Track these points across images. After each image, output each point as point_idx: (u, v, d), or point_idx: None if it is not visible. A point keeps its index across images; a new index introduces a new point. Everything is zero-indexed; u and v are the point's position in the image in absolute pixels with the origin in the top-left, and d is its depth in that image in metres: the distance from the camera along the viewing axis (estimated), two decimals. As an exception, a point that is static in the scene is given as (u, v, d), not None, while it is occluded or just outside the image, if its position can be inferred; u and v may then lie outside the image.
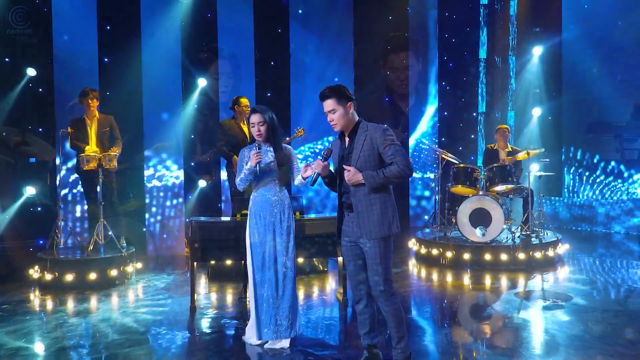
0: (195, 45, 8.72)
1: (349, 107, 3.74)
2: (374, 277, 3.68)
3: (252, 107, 4.67)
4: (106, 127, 7.16)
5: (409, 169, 3.59)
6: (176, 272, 7.35)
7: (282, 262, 4.57)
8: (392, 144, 3.62)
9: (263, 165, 4.55)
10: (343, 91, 3.75)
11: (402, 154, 3.62)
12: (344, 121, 3.75)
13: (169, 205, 8.67)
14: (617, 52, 10.19)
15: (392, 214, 3.70)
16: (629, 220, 10.00)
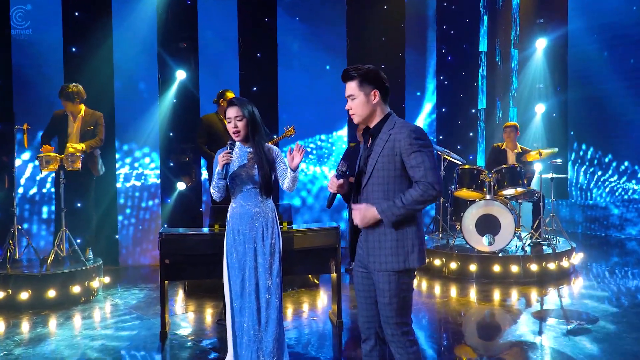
0: (173, 35, 7.92)
1: (373, 95, 2.91)
2: (383, 316, 2.90)
3: (229, 99, 3.91)
4: (91, 125, 6.38)
5: (433, 189, 2.75)
6: (149, 287, 6.57)
7: (265, 287, 3.82)
8: (418, 151, 2.79)
9: (237, 169, 3.83)
10: (370, 74, 2.92)
11: (428, 165, 2.78)
12: (363, 112, 2.95)
13: (144, 207, 7.90)
14: (629, 41, 9.49)
15: (413, 243, 2.86)
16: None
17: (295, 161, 3.69)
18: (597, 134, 9.97)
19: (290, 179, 3.79)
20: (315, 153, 8.85)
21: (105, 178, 7.50)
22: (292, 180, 3.79)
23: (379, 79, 2.95)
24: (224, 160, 3.75)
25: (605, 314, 5.26)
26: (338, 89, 8.96)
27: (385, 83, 2.97)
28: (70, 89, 6.23)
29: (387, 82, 2.98)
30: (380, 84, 2.95)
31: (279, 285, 3.85)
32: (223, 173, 3.77)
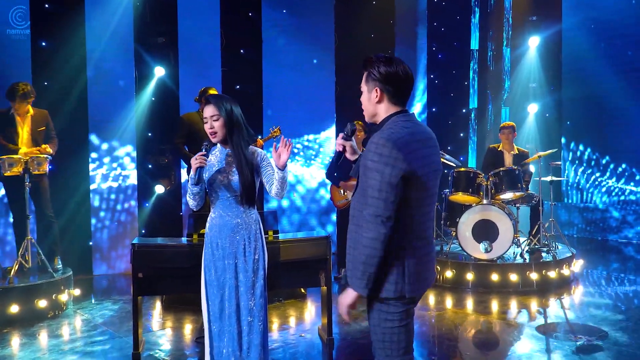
0: (151, 29, 7.44)
1: (374, 93, 2.51)
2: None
3: (206, 97, 3.49)
4: (42, 126, 5.87)
5: (368, 230, 2.31)
6: (124, 299, 6.10)
7: (247, 308, 3.39)
8: (368, 171, 2.35)
9: (215, 173, 3.44)
10: (376, 69, 2.51)
11: (372, 193, 2.32)
12: (367, 110, 2.59)
13: (120, 210, 7.43)
14: (626, 38, 9.18)
15: (395, 271, 2.40)
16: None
17: (282, 158, 3.29)
18: (593, 134, 9.67)
19: (278, 181, 3.36)
20: (302, 154, 8.44)
21: (76, 178, 7.03)
22: (280, 182, 3.36)
23: (387, 75, 2.50)
24: (197, 163, 3.34)
25: (614, 327, 4.90)
26: (326, 87, 8.59)
27: (398, 82, 2.51)
28: (24, 89, 5.69)
29: (400, 81, 2.51)
30: (388, 83, 2.50)
31: (263, 307, 3.43)
32: (195, 178, 3.35)
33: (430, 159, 2.44)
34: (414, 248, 2.41)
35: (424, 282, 2.47)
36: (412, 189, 2.34)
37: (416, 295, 2.44)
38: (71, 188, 6.92)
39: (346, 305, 2.42)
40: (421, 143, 2.43)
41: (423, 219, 2.45)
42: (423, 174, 2.37)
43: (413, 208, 2.38)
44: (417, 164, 2.35)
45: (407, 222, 2.37)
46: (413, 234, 2.41)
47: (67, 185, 6.84)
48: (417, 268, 2.42)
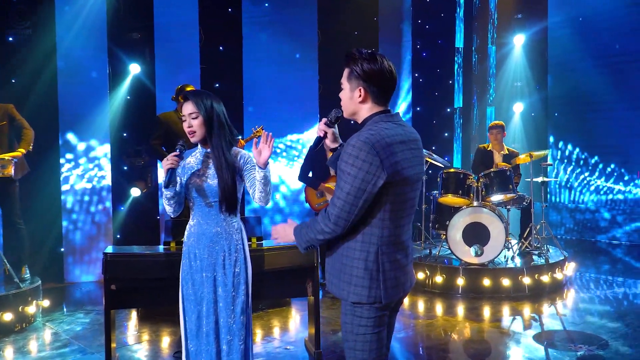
0: (126, 24, 7.07)
1: (358, 92, 2.38)
2: None
3: (184, 93, 3.20)
4: (2, 121, 5.49)
5: (326, 225, 2.29)
6: (97, 309, 5.74)
7: (227, 326, 3.10)
8: (341, 173, 2.28)
9: (193, 177, 3.16)
10: (360, 66, 2.35)
11: (340, 195, 2.26)
12: (347, 108, 2.47)
13: (94, 212, 7.06)
14: (613, 35, 9.03)
15: (369, 276, 2.33)
16: (632, 228, 8.92)
17: (263, 155, 2.98)
18: (580, 132, 9.52)
19: (260, 181, 3.06)
20: (285, 155, 8.14)
21: (45, 179, 6.65)
22: (262, 183, 3.06)
23: (372, 74, 2.36)
24: (168, 164, 3.03)
25: (614, 335, 4.70)
26: (309, 85, 8.30)
27: (382, 81, 2.37)
28: None
29: (385, 80, 2.38)
30: (372, 82, 2.36)
31: (245, 325, 3.13)
32: (166, 181, 3.04)
33: (411, 162, 2.33)
34: (390, 253, 2.34)
35: (400, 288, 2.39)
36: (390, 193, 2.27)
37: (391, 301, 2.37)
38: (40, 189, 6.53)
39: (280, 228, 2.57)
40: (403, 145, 2.32)
41: (400, 223, 2.36)
42: (402, 179, 2.28)
43: (390, 212, 2.30)
44: (396, 168, 2.25)
45: (384, 226, 2.31)
46: (390, 239, 2.33)
47: (35, 185, 6.45)
48: (394, 273, 2.35)
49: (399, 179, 2.26)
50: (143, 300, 4.16)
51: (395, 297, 2.36)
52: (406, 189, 2.32)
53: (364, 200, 2.23)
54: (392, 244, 2.33)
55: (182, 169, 3.22)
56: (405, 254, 2.41)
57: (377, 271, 2.32)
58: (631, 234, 8.91)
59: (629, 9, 8.83)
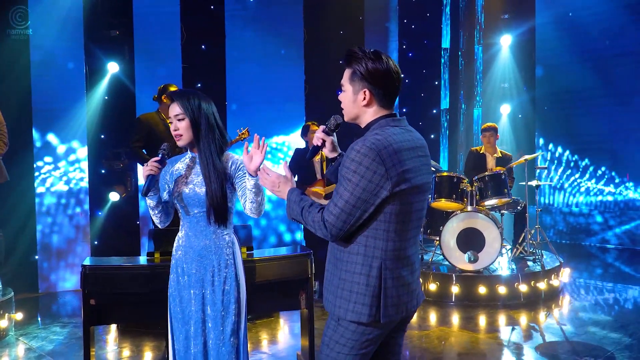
0: (104, 20, 6.75)
1: (362, 95, 2.20)
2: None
3: (170, 93, 2.92)
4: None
5: (320, 229, 2.17)
6: (74, 322, 5.41)
7: (216, 349, 2.83)
8: (342, 179, 2.12)
9: (180, 184, 2.89)
10: (364, 66, 2.18)
11: (338, 202, 2.11)
12: (350, 112, 2.28)
13: (71, 214, 6.71)
14: (603, 36, 8.93)
15: (371, 293, 2.15)
16: (622, 230, 8.82)
17: (254, 161, 2.70)
18: (570, 134, 9.40)
19: (251, 190, 2.79)
20: (270, 157, 7.86)
21: (17, 180, 6.28)
22: (253, 192, 2.79)
23: (377, 75, 2.17)
24: (147, 170, 2.78)
25: (618, 346, 4.53)
26: (294, 85, 8.03)
27: (389, 82, 2.19)
28: None
29: (391, 81, 2.20)
30: (378, 83, 2.18)
31: (236, 348, 2.86)
32: (144, 188, 2.78)
33: (419, 171, 2.19)
34: (394, 268, 2.16)
35: (402, 307, 2.20)
36: (395, 203, 2.11)
37: (392, 321, 2.19)
38: (12, 190, 6.15)
39: (275, 178, 2.41)
40: (412, 152, 2.17)
41: (406, 236, 2.19)
42: (409, 188, 2.13)
43: (396, 223, 2.14)
44: (403, 177, 2.10)
45: (388, 238, 2.14)
46: (394, 253, 2.16)
47: (6, 187, 6.09)
48: (396, 291, 2.17)
49: (405, 188, 2.11)
50: (125, 316, 3.85)
51: (395, 317, 2.17)
52: (414, 198, 2.16)
53: (363, 210, 2.08)
54: (397, 258, 2.16)
55: (170, 176, 2.95)
56: (410, 270, 2.22)
57: (379, 287, 2.14)
58: (621, 236, 8.82)
59: (618, 10, 8.73)
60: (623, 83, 8.72)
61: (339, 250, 2.23)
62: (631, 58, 8.63)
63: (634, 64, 8.57)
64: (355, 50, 2.22)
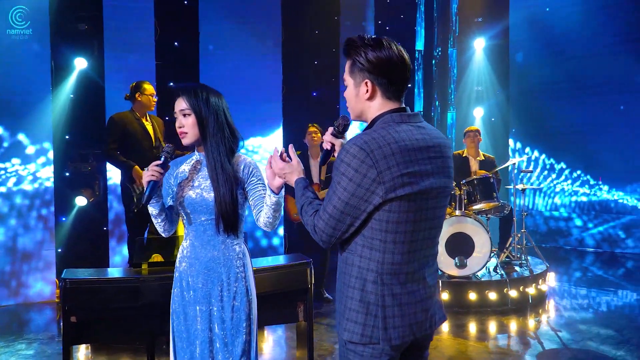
0: (71, 12, 6.32)
1: (363, 87, 1.99)
2: None
3: (176, 85, 2.63)
4: None
5: (312, 233, 2.01)
6: (41, 338, 4.98)
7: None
8: (334, 177, 1.94)
9: (186, 188, 2.62)
10: (363, 55, 1.96)
11: (327, 207, 1.94)
12: (354, 107, 2.07)
13: (37, 217, 6.23)
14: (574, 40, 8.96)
15: (365, 310, 1.95)
16: (600, 233, 8.86)
17: (279, 178, 2.42)
18: (544, 136, 9.40)
19: (270, 207, 2.53)
20: (247, 161, 7.55)
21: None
22: (272, 209, 2.54)
23: (379, 64, 1.95)
24: (148, 176, 2.48)
25: (618, 350, 4.42)
26: (271, 84, 7.73)
27: (392, 71, 1.97)
28: None
29: (395, 69, 1.98)
30: (380, 72, 1.96)
31: None
32: (146, 196, 2.48)
33: (428, 175, 1.94)
34: (392, 285, 1.94)
35: (410, 329, 1.96)
36: (392, 211, 1.89)
37: (396, 344, 1.94)
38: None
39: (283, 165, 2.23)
40: (420, 152, 1.93)
41: (412, 248, 1.95)
42: (412, 193, 1.89)
43: (393, 234, 1.91)
44: (402, 181, 1.87)
45: (386, 249, 1.91)
46: (394, 267, 1.93)
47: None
48: (399, 310, 1.94)
49: (405, 194, 1.88)
50: (109, 334, 3.51)
51: (400, 338, 1.94)
52: (419, 205, 1.93)
53: (354, 217, 1.90)
54: (397, 273, 1.93)
55: (174, 179, 2.66)
56: (420, 286, 1.99)
57: (376, 305, 1.93)
58: (599, 239, 8.85)
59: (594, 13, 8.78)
60: (596, 83, 8.75)
61: (341, 261, 2.03)
62: (595, 57, 8.67)
63: (606, 61, 8.60)
64: (353, 39, 2.01)
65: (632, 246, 8.52)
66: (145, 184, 2.46)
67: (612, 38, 8.59)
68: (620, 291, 6.43)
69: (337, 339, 4.81)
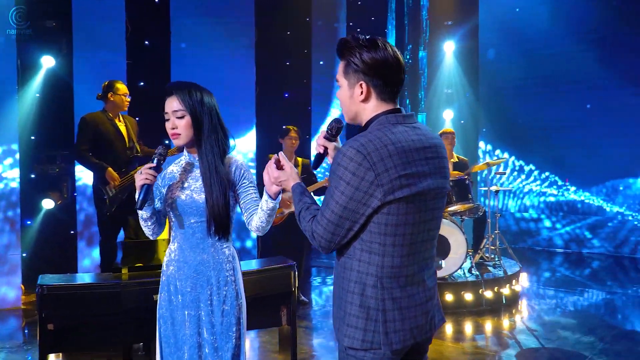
0: (38, 8, 6.13)
1: (358, 88, 1.95)
2: None
3: (167, 86, 2.55)
4: None
5: (312, 241, 1.96)
6: (8, 346, 4.78)
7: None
8: (331, 181, 1.90)
9: (174, 190, 2.54)
10: (358, 56, 1.93)
11: (325, 211, 1.90)
12: (348, 110, 2.03)
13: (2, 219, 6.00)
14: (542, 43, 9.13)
15: (365, 315, 1.91)
16: (567, 232, 9.05)
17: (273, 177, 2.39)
18: (512, 139, 9.55)
19: (265, 212, 2.48)
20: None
21: None
22: (267, 214, 2.49)
23: (374, 65, 1.92)
24: (141, 179, 2.40)
25: (593, 351, 4.51)
26: (244, 85, 7.66)
27: (387, 72, 1.94)
28: None
29: (391, 71, 1.95)
30: (375, 74, 1.93)
31: None
32: (140, 201, 2.40)
33: (425, 176, 1.91)
34: (392, 288, 1.91)
35: (410, 333, 1.94)
36: (391, 213, 1.86)
37: (397, 348, 1.91)
38: None
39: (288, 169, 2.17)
40: (416, 153, 1.90)
41: (411, 250, 1.93)
42: (410, 195, 1.86)
43: (394, 236, 1.88)
44: (400, 183, 1.84)
45: (385, 252, 1.89)
46: (393, 270, 1.91)
47: None
48: (399, 314, 1.91)
49: (403, 196, 1.85)
50: (87, 342, 3.38)
51: (402, 343, 1.91)
52: (417, 207, 1.90)
53: (352, 221, 1.86)
54: (397, 276, 1.91)
55: (161, 180, 2.58)
56: (420, 289, 1.96)
57: (376, 309, 1.89)
58: (567, 239, 9.03)
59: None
60: (564, 81, 8.89)
61: (338, 266, 2.00)
62: (563, 57, 8.84)
63: (574, 61, 8.76)
64: (347, 40, 1.98)
65: (597, 246, 8.73)
66: (138, 187, 2.39)
67: (580, 36, 8.73)
68: (589, 291, 6.57)
69: (317, 341, 4.80)
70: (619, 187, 8.59)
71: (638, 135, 8.29)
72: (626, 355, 4.51)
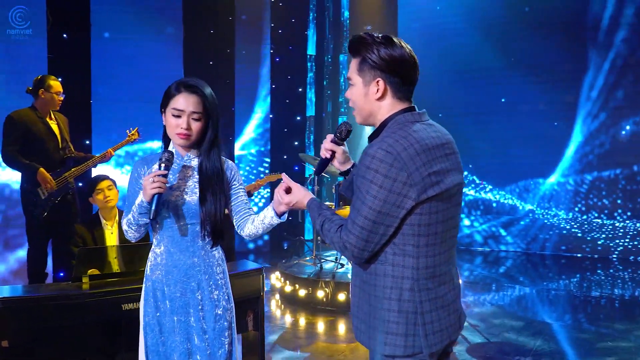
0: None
1: (374, 85, 1.92)
2: None
3: (180, 80, 2.39)
4: None
5: (342, 251, 1.91)
6: None
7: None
8: (361, 186, 1.84)
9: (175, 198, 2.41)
10: (376, 53, 1.89)
11: (357, 219, 1.84)
12: (362, 109, 1.99)
13: None
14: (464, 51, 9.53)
15: (404, 320, 1.87)
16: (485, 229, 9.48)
17: (286, 200, 2.25)
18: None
19: (267, 225, 2.44)
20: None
21: None
22: (267, 228, 2.45)
23: (392, 62, 1.89)
24: (154, 188, 2.22)
25: (539, 345, 4.75)
26: (170, 77, 7.35)
27: (405, 69, 1.93)
28: None
29: (408, 68, 1.93)
30: (393, 71, 1.90)
31: None
32: (153, 210, 2.24)
33: (448, 172, 1.91)
34: (428, 289, 1.89)
35: (446, 332, 1.93)
36: (423, 213, 1.84)
37: (436, 350, 1.90)
38: None
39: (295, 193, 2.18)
40: (438, 150, 1.90)
41: (442, 249, 1.92)
42: (439, 193, 1.86)
43: (427, 236, 1.87)
44: (431, 181, 1.83)
45: (419, 254, 1.86)
46: (428, 270, 1.89)
47: None
48: (437, 314, 1.90)
49: (434, 194, 1.84)
50: (48, 358, 3.07)
51: (440, 344, 1.91)
52: (445, 204, 1.90)
53: (387, 226, 1.82)
54: (431, 276, 1.89)
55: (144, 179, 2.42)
56: (450, 287, 1.97)
57: (415, 313, 1.86)
58: (485, 237, 9.46)
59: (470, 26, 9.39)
60: (478, 93, 9.36)
61: (364, 272, 1.93)
62: (485, 73, 9.31)
63: (488, 78, 9.25)
64: (362, 36, 1.96)
65: (511, 242, 9.23)
66: (149, 197, 2.21)
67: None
68: (517, 287, 6.93)
69: (281, 348, 4.67)
70: (530, 187, 9.15)
71: (547, 138, 8.86)
72: (566, 346, 4.78)
